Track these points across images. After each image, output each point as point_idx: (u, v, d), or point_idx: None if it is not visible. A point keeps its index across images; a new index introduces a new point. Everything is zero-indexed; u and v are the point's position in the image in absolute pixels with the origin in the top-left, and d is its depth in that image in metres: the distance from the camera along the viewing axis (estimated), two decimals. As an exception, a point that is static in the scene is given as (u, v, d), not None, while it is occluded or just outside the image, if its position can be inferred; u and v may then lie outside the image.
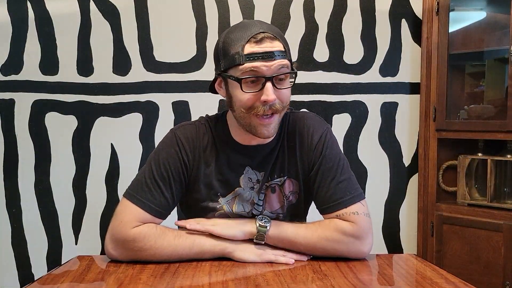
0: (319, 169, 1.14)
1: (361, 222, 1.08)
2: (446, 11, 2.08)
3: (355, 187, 1.13)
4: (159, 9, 2.23)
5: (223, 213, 1.17)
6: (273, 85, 1.03)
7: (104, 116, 2.24)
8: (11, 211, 2.25)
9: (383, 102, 2.28)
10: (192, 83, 2.24)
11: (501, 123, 1.93)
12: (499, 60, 2.10)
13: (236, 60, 1.02)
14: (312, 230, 1.08)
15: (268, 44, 1.02)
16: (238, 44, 1.03)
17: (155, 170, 1.11)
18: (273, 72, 1.02)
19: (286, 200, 1.18)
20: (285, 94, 1.07)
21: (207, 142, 1.16)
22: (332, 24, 2.26)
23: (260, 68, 1.01)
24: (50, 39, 2.22)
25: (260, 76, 1.02)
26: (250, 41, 1.02)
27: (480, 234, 1.97)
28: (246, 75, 1.02)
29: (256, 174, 1.16)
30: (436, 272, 1.01)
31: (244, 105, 1.05)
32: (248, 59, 1.01)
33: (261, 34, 1.02)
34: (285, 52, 1.04)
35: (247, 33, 1.03)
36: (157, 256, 1.05)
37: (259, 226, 1.06)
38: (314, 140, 1.16)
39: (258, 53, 1.01)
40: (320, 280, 0.95)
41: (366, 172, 2.29)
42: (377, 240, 2.29)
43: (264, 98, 1.02)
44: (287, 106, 1.10)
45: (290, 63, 1.07)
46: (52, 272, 1.02)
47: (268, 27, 1.06)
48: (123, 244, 1.05)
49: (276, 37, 1.04)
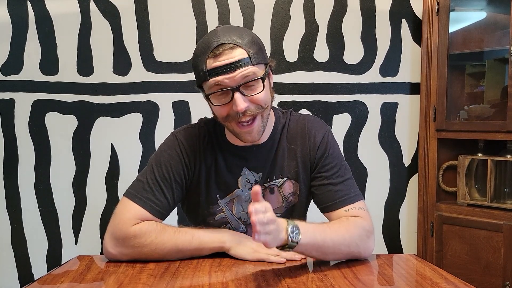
0: (323, 168, 1.15)
1: (369, 217, 1.11)
2: (446, 11, 2.08)
3: (356, 186, 1.16)
4: (159, 9, 2.23)
5: (223, 217, 1.17)
6: (242, 94, 1.03)
7: (104, 116, 2.24)
8: (11, 211, 2.25)
9: (383, 102, 2.28)
10: (192, 83, 2.19)
11: (501, 123, 1.93)
12: (499, 60, 2.10)
13: (202, 77, 1.05)
14: (336, 230, 1.05)
15: (227, 55, 1.02)
16: (202, 60, 1.04)
17: (157, 171, 1.12)
18: (238, 82, 1.02)
19: (285, 201, 1.19)
20: (259, 98, 1.05)
21: (206, 145, 1.17)
22: (332, 24, 2.26)
23: (223, 81, 1.02)
24: (50, 39, 2.22)
25: (226, 88, 1.03)
26: (209, 57, 1.03)
27: (480, 234, 1.97)
28: (213, 90, 1.04)
29: (254, 175, 1.17)
30: (436, 272, 1.01)
31: (220, 116, 1.08)
32: (211, 74, 1.03)
33: (219, 47, 1.02)
34: (249, 58, 1.03)
35: (208, 47, 1.03)
36: (157, 251, 1.06)
37: (291, 241, 0.95)
38: (317, 140, 1.17)
39: (219, 67, 1.02)
40: (320, 280, 0.95)
41: (366, 172, 2.29)
42: (377, 240, 2.26)
43: (235, 109, 1.03)
44: (268, 106, 1.09)
45: (263, 65, 1.07)
46: (52, 272, 1.02)
47: (230, 36, 1.03)
48: (124, 241, 1.06)
49: (236, 45, 1.02)
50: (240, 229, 1.19)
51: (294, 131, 1.19)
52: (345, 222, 1.08)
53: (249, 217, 0.86)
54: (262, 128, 1.10)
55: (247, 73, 1.02)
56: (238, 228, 1.19)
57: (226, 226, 1.18)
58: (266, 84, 1.07)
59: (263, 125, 1.09)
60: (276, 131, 1.18)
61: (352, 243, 1.05)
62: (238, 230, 1.18)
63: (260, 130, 1.09)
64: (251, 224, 0.86)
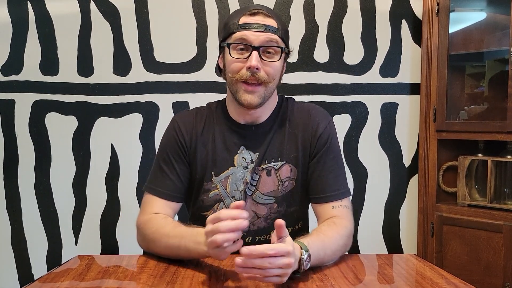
0: (321, 159, 1.18)
1: (352, 216, 1.16)
2: (446, 11, 2.08)
3: (346, 180, 1.21)
4: (159, 9, 2.23)
5: (217, 194, 1.18)
6: (260, 56, 1.10)
7: (104, 116, 2.24)
8: (11, 211, 2.25)
9: (383, 102, 2.28)
10: (192, 83, 2.24)
11: (501, 124, 1.93)
12: (499, 61, 2.10)
13: (230, 29, 1.13)
14: (332, 239, 1.05)
15: (261, 18, 1.12)
16: (236, 16, 1.14)
17: (160, 156, 1.20)
18: (261, 42, 1.10)
19: (281, 185, 1.19)
20: (272, 67, 1.12)
21: (204, 125, 1.21)
22: (332, 25, 2.26)
23: (249, 37, 1.10)
24: (50, 40, 2.22)
25: (248, 44, 1.10)
26: (245, 14, 1.13)
27: (480, 235, 1.97)
28: (236, 42, 1.11)
29: (250, 154, 1.18)
30: (436, 272, 1.01)
31: (231, 70, 1.13)
32: (241, 28, 1.11)
33: (257, 9, 1.13)
34: (277, 29, 1.12)
35: (246, 8, 1.15)
36: (157, 248, 1.08)
37: (303, 270, 0.93)
38: (320, 129, 1.19)
39: (250, 23, 1.11)
40: (320, 280, 0.95)
41: (366, 173, 2.29)
42: (378, 241, 2.28)
43: (248, 64, 1.09)
44: (275, 81, 1.15)
45: (283, 41, 1.14)
46: (52, 271, 1.02)
47: (268, 9, 1.15)
48: (137, 231, 1.15)
49: (271, 16, 1.13)
50: None
51: (297, 116, 1.22)
52: (337, 228, 1.09)
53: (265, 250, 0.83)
54: (263, 99, 1.13)
55: (271, 38, 1.11)
56: None
57: (219, 204, 1.19)
58: (281, 59, 1.14)
59: (264, 96, 1.13)
60: (278, 114, 1.22)
61: (343, 247, 1.10)
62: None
63: (261, 97, 1.13)
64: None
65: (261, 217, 1.19)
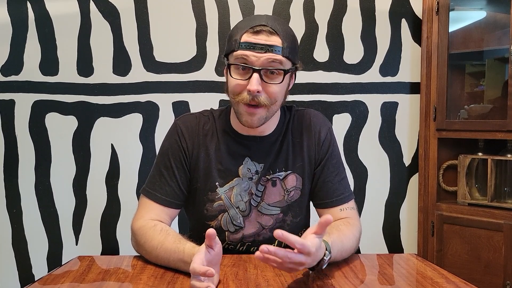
0: (325, 165, 1.19)
1: (358, 217, 1.20)
2: (446, 10, 2.08)
3: (349, 184, 1.23)
4: (159, 9, 2.23)
5: (222, 205, 1.17)
6: (261, 77, 1.05)
7: (104, 116, 2.24)
8: (11, 212, 2.25)
9: (383, 102, 2.28)
10: (192, 83, 2.24)
11: (501, 123, 1.93)
12: (499, 60, 2.10)
13: (232, 45, 1.07)
14: (348, 238, 1.07)
15: (263, 36, 1.05)
16: (239, 31, 1.07)
17: (161, 160, 1.18)
18: (262, 64, 1.05)
19: (286, 195, 1.19)
20: (273, 89, 1.07)
21: (207, 131, 1.19)
22: (332, 24, 2.26)
23: (250, 57, 1.04)
24: (50, 40, 2.22)
25: (249, 65, 1.05)
26: (248, 31, 1.06)
27: (481, 233, 1.97)
28: (237, 61, 1.06)
29: (256, 165, 1.18)
30: (437, 272, 1.01)
31: (232, 90, 1.09)
32: (242, 47, 1.05)
33: (261, 27, 1.05)
34: (282, 48, 1.05)
35: (250, 23, 1.07)
36: (150, 256, 1.06)
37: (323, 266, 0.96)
38: (322, 136, 1.20)
39: (252, 43, 1.04)
40: (320, 280, 0.95)
41: (366, 172, 2.29)
42: (378, 240, 2.28)
43: (248, 87, 1.05)
44: (277, 102, 1.10)
45: (289, 61, 1.08)
46: (52, 272, 1.02)
47: (274, 23, 1.07)
48: (131, 234, 1.13)
49: (276, 33, 1.05)
50: (238, 220, 1.18)
51: (299, 125, 1.21)
52: (352, 229, 1.12)
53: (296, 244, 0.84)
54: (264, 120, 1.11)
55: (274, 58, 1.05)
56: (236, 219, 1.18)
57: (223, 215, 1.18)
58: (285, 80, 1.09)
59: (266, 117, 1.10)
60: (282, 125, 1.21)
61: (354, 249, 1.11)
62: (236, 220, 1.18)
63: (261, 119, 1.10)
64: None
65: (266, 228, 1.19)
